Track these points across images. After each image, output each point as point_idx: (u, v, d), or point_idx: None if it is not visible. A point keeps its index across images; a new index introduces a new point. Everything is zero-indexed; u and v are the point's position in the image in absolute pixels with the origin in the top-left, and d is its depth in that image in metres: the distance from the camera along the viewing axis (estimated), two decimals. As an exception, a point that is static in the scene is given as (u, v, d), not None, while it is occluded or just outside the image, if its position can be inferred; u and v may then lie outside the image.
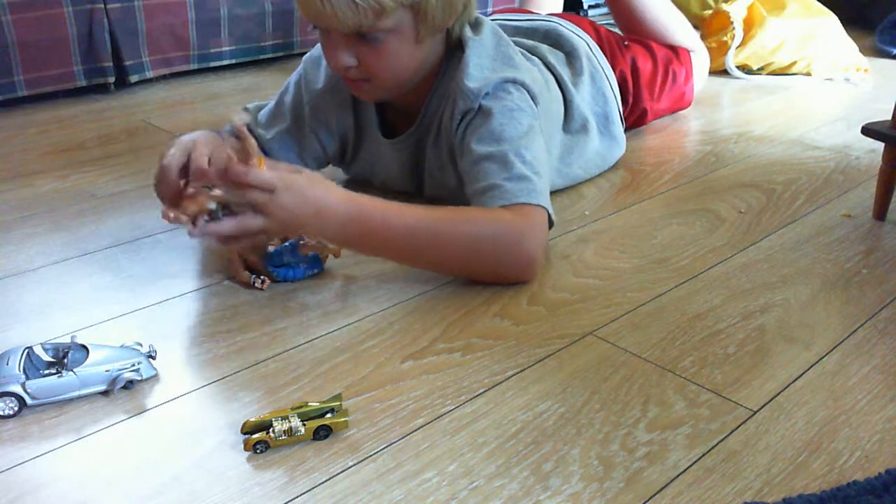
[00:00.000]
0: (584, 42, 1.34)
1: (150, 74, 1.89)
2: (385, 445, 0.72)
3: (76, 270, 1.03)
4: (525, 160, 0.99)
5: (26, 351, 0.78)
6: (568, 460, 0.70)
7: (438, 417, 0.75)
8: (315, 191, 0.88)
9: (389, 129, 1.16)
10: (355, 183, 1.29)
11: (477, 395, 0.78)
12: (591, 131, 1.28)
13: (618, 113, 1.36)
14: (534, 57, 1.23)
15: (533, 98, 1.06)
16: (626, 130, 1.41)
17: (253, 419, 0.72)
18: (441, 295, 0.97)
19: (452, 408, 0.77)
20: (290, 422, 0.71)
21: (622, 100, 1.43)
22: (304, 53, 1.23)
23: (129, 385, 0.79)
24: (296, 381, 0.81)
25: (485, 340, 0.88)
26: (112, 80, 1.82)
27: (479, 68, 1.04)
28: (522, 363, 0.83)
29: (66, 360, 0.77)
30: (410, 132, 1.13)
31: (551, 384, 0.80)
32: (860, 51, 1.98)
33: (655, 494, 0.67)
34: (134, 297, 0.96)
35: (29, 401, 0.75)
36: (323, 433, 0.72)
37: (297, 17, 2.08)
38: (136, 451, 0.72)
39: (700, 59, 1.67)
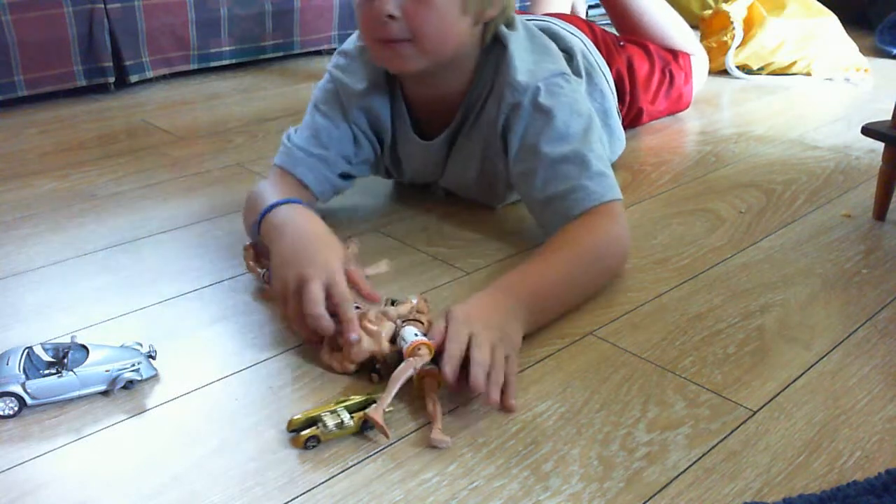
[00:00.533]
0: (578, 40, 1.34)
1: (150, 74, 1.89)
2: (385, 445, 0.72)
3: (76, 270, 1.03)
4: (598, 155, 1.01)
5: (26, 351, 0.78)
6: (568, 460, 0.70)
7: (438, 417, 0.75)
8: (490, 310, 0.84)
9: (420, 129, 1.15)
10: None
11: (477, 395, 0.78)
12: None
13: (615, 109, 1.36)
14: None
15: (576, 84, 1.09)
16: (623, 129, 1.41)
17: (298, 416, 0.73)
18: (440, 294, 0.97)
19: (452, 408, 0.77)
20: (339, 416, 0.72)
21: (619, 98, 1.42)
22: (305, 53, 1.22)
23: (129, 385, 0.79)
24: (296, 380, 0.81)
25: (485, 340, 0.87)
26: (112, 80, 1.82)
27: (523, 61, 1.05)
28: (522, 363, 0.83)
29: (66, 360, 0.77)
30: (450, 131, 1.12)
31: (551, 384, 0.80)
32: (860, 51, 1.98)
33: (655, 494, 0.67)
34: (134, 297, 0.96)
35: (29, 401, 0.75)
36: (369, 425, 0.73)
37: (297, 17, 2.09)
38: (136, 451, 0.72)
39: (699, 62, 1.66)
